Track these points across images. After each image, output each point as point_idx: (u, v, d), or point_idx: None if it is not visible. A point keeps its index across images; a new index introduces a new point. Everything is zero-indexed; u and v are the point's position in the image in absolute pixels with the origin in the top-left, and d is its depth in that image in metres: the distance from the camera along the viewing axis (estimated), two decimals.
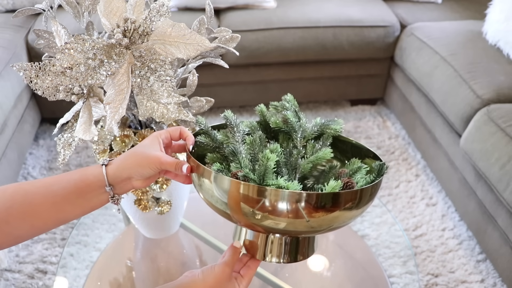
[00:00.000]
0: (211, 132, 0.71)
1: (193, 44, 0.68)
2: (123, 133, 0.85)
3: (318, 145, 0.73)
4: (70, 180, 0.60)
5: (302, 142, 0.73)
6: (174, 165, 0.62)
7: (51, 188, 0.59)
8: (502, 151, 1.26)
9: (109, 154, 0.85)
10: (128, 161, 0.62)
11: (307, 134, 0.73)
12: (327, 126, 0.74)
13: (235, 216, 0.62)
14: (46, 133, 1.96)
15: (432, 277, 1.40)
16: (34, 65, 0.65)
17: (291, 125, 0.72)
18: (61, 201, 0.59)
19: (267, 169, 0.58)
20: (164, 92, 0.69)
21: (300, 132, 0.72)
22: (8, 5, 1.86)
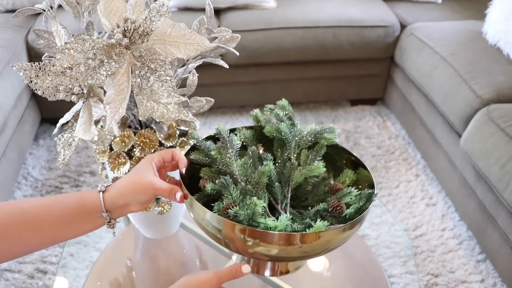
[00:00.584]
0: (205, 147, 0.72)
1: (193, 44, 0.68)
2: (123, 133, 0.85)
3: (311, 155, 0.74)
4: (68, 203, 0.61)
5: (296, 151, 0.73)
6: (168, 191, 0.65)
7: (49, 209, 0.60)
8: (502, 151, 1.26)
9: (109, 154, 0.85)
10: (124, 188, 0.64)
11: (301, 144, 0.74)
12: (321, 135, 0.75)
13: (226, 242, 0.64)
14: (46, 133, 1.96)
15: (432, 277, 1.40)
16: (34, 65, 0.65)
17: (284, 137, 0.73)
18: (58, 222, 0.60)
19: (255, 213, 0.59)
20: (164, 92, 0.69)
21: (294, 142, 0.73)
22: (8, 5, 1.86)
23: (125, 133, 0.85)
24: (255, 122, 0.79)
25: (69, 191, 1.66)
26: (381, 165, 1.83)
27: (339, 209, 0.65)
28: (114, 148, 0.85)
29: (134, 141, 0.85)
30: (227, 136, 0.71)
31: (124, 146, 0.85)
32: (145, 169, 0.66)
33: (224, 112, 2.12)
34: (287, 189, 0.71)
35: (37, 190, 1.67)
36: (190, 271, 1.07)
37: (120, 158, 0.86)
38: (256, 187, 0.66)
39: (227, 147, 0.70)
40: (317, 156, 0.74)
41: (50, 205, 0.61)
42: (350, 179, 0.74)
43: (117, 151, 0.85)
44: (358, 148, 1.92)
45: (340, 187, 0.72)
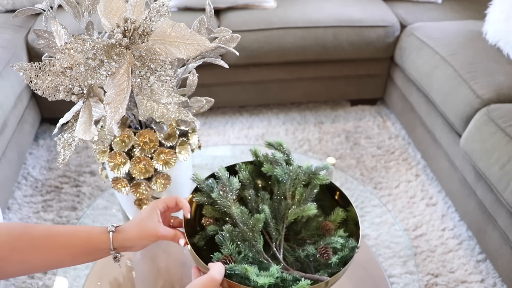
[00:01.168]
0: (207, 188, 0.80)
1: (193, 44, 0.68)
2: (123, 133, 0.85)
3: (305, 194, 0.81)
4: (78, 239, 0.65)
5: (291, 189, 0.80)
6: (171, 237, 0.72)
7: (57, 240, 0.63)
8: (502, 151, 1.26)
9: (109, 154, 0.85)
10: (131, 232, 0.69)
11: (295, 183, 0.81)
12: (314, 175, 0.82)
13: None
14: (46, 133, 1.96)
15: (432, 277, 1.40)
16: (34, 65, 0.65)
17: (280, 178, 0.80)
18: (64, 254, 0.64)
19: (247, 273, 0.67)
20: (164, 92, 0.69)
21: (289, 181, 0.80)
22: (8, 5, 1.86)
23: (125, 133, 0.85)
24: (255, 157, 0.86)
25: (69, 191, 1.66)
26: (381, 165, 1.83)
27: (326, 256, 0.73)
28: (114, 148, 0.85)
29: (134, 141, 0.85)
30: (226, 180, 0.78)
31: (124, 146, 0.85)
32: (149, 216, 0.71)
33: (224, 112, 2.12)
34: (282, 226, 0.79)
35: (37, 190, 1.67)
36: (190, 271, 1.07)
37: (120, 158, 0.86)
38: (252, 231, 0.74)
39: (227, 191, 0.77)
40: (310, 196, 0.81)
41: (59, 235, 0.64)
42: (340, 217, 0.82)
43: (117, 151, 0.85)
44: (358, 148, 1.92)
45: (330, 226, 0.80)
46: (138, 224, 0.70)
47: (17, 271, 0.62)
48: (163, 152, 0.87)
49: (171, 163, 0.87)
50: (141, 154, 0.85)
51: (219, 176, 0.80)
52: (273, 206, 0.80)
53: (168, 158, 0.87)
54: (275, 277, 0.68)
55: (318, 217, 0.83)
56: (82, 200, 1.63)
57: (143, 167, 0.86)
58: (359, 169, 1.80)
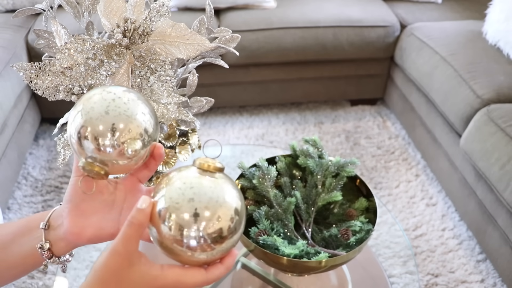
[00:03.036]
0: (250, 175, 0.92)
1: (193, 44, 0.68)
2: None
3: (333, 184, 0.94)
4: (19, 221, 0.52)
5: (322, 179, 0.94)
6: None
7: (4, 226, 0.51)
8: (502, 151, 1.26)
9: None
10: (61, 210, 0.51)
11: (326, 174, 0.94)
12: (342, 168, 0.95)
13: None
14: (46, 133, 1.96)
15: (432, 277, 1.40)
16: (34, 65, 0.65)
17: (312, 169, 0.94)
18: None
19: (277, 243, 0.81)
20: (164, 92, 0.69)
21: (320, 173, 0.94)
22: (8, 5, 1.86)
23: None
24: (292, 151, 1.00)
25: None
26: (381, 165, 1.83)
27: (346, 236, 0.86)
28: None
29: None
30: (265, 169, 0.91)
31: None
32: None
33: (224, 112, 2.12)
34: (312, 209, 0.92)
35: (37, 190, 1.67)
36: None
37: None
38: (285, 211, 0.88)
39: (265, 178, 0.90)
40: (337, 185, 0.94)
41: (1, 225, 0.52)
42: (363, 206, 0.94)
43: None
44: (358, 148, 1.92)
45: (353, 213, 0.93)
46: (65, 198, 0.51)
47: None
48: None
49: (171, 163, 0.87)
50: None
51: (259, 166, 0.92)
52: (305, 193, 0.93)
53: (168, 158, 0.87)
54: (300, 249, 0.81)
55: (344, 205, 0.96)
56: None
57: None
58: (359, 169, 1.80)
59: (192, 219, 0.41)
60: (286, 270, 0.87)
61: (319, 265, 0.80)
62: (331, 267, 0.84)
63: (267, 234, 0.84)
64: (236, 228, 0.43)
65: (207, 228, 0.41)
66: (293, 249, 0.81)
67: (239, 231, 0.44)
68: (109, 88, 0.49)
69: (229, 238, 0.43)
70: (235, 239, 0.44)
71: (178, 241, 0.42)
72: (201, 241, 0.41)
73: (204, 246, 0.42)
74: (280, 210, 0.88)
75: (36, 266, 0.51)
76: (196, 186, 0.42)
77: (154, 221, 0.43)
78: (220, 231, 0.42)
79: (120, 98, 0.47)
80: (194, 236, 0.41)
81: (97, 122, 0.45)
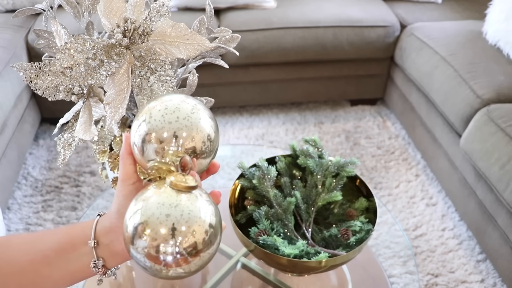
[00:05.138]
0: (250, 175, 0.92)
1: (193, 44, 0.68)
2: (123, 133, 0.85)
3: (333, 184, 0.93)
4: (57, 233, 0.50)
5: (322, 179, 0.93)
6: None
7: (35, 244, 0.49)
8: (502, 151, 1.26)
9: (109, 154, 0.85)
10: (111, 215, 0.50)
11: (326, 174, 0.94)
12: (342, 168, 0.95)
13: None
14: (46, 133, 1.96)
15: (432, 277, 1.40)
16: (34, 65, 0.65)
17: (312, 169, 0.94)
18: (39, 261, 0.48)
19: (277, 243, 0.82)
20: (164, 92, 0.69)
21: (320, 173, 0.93)
22: (8, 5, 1.86)
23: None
24: (292, 151, 1.00)
25: (69, 191, 1.66)
26: (381, 165, 1.83)
27: (346, 236, 0.86)
28: (114, 148, 0.85)
29: None
30: (265, 169, 0.91)
31: None
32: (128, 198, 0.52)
33: (224, 112, 2.12)
34: (312, 209, 0.92)
35: (37, 190, 1.67)
36: None
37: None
38: (285, 211, 0.88)
39: (265, 178, 0.90)
40: (337, 185, 0.94)
41: (37, 240, 0.50)
42: (363, 206, 0.94)
43: (117, 151, 0.85)
44: (358, 148, 1.92)
45: (353, 213, 0.93)
46: (118, 211, 0.50)
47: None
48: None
49: None
50: None
51: (259, 166, 0.92)
52: (305, 193, 0.93)
53: None
54: (300, 249, 0.81)
55: (344, 205, 0.96)
56: (82, 200, 1.63)
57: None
58: (359, 169, 1.80)
59: (167, 234, 0.41)
60: (286, 270, 0.87)
61: (319, 265, 0.81)
62: (331, 267, 0.84)
63: (267, 234, 0.84)
64: (212, 241, 0.43)
65: (182, 243, 0.41)
66: (293, 249, 0.81)
67: (215, 244, 0.44)
68: (170, 96, 0.50)
69: (204, 251, 0.43)
70: (211, 253, 0.44)
71: (154, 258, 0.42)
72: (177, 256, 0.41)
73: (180, 260, 0.42)
74: (280, 210, 0.89)
75: (84, 279, 0.51)
76: (170, 203, 0.42)
77: (128, 239, 0.43)
78: (194, 244, 0.42)
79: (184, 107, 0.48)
80: (170, 251, 0.41)
81: (162, 130, 0.46)
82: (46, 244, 0.49)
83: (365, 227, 0.88)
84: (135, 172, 0.50)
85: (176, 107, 0.47)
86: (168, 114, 0.47)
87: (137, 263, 0.43)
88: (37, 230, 1.51)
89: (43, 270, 0.48)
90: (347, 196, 0.98)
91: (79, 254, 0.48)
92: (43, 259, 0.48)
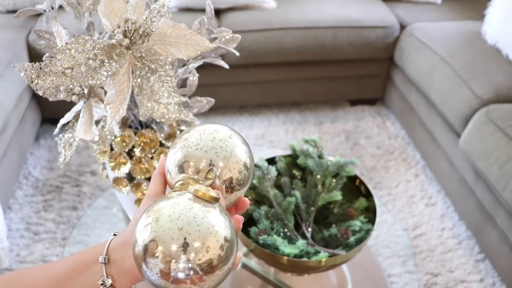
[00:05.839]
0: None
1: (194, 45, 0.68)
2: (123, 133, 0.85)
3: (333, 184, 0.94)
4: (69, 258, 0.48)
5: (322, 179, 0.93)
6: None
7: (48, 271, 0.48)
8: (501, 151, 1.27)
9: (110, 154, 0.86)
10: (127, 232, 0.48)
11: (325, 174, 0.94)
12: (342, 168, 0.95)
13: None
14: (47, 133, 1.96)
15: (432, 276, 1.40)
16: (35, 65, 0.65)
17: (312, 169, 0.94)
18: (51, 286, 0.47)
19: (276, 242, 0.82)
20: (165, 92, 0.70)
21: (320, 173, 0.93)
22: (9, 5, 1.86)
23: (125, 133, 0.85)
24: (292, 151, 1.00)
25: (69, 191, 1.67)
26: (381, 165, 1.83)
27: (346, 236, 0.86)
28: (115, 148, 0.85)
29: (134, 141, 0.85)
30: (265, 169, 0.91)
31: (125, 146, 0.85)
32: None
33: (224, 112, 2.13)
34: (311, 209, 0.92)
35: (38, 190, 1.67)
36: None
37: (120, 158, 0.86)
38: (285, 211, 0.88)
39: (265, 178, 0.90)
40: (337, 185, 0.94)
41: (52, 267, 0.49)
42: (363, 205, 0.95)
43: (118, 151, 0.85)
44: (358, 148, 1.92)
45: (353, 213, 0.93)
46: (135, 224, 0.48)
47: None
48: (164, 152, 0.87)
49: None
50: (141, 154, 0.86)
51: (259, 166, 0.92)
52: (305, 193, 0.94)
53: None
54: (300, 249, 0.82)
55: (343, 205, 0.97)
56: (83, 200, 1.63)
57: (143, 167, 0.86)
58: (358, 169, 1.80)
59: (180, 250, 0.38)
60: (286, 269, 0.88)
61: (319, 264, 0.81)
62: (331, 267, 0.84)
63: (267, 234, 0.84)
64: (228, 257, 0.41)
65: (196, 259, 0.38)
66: (293, 248, 0.82)
67: (230, 260, 0.41)
68: (205, 126, 0.49)
69: (219, 268, 0.40)
70: (226, 270, 0.41)
71: (166, 275, 0.39)
72: (190, 272, 0.39)
73: (194, 278, 0.39)
74: (280, 210, 0.89)
75: None
76: (185, 216, 0.40)
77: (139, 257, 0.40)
78: (209, 261, 0.39)
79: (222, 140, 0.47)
80: (182, 267, 0.38)
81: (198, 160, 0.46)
82: (58, 269, 0.48)
83: (365, 226, 0.89)
84: (162, 192, 0.49)
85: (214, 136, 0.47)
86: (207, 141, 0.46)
87: (148, 280, 0.41)
88: (39, 232, 1.51)
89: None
90: (346, 196, 0.98)
91: (89, 273, 0.47)
92: (55, 285, 0.47)
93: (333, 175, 0.96)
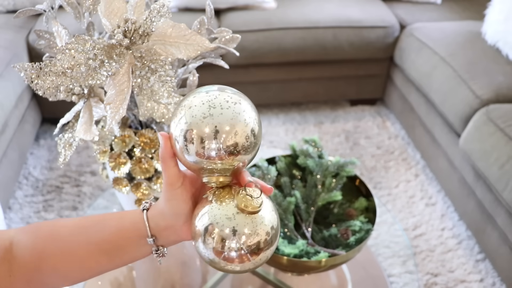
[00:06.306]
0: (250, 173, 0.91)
1: (194, 45, 0.68)
2: (123, 133, 0.85)
3: (333, 184, 0.94)
4: (106, 227, 0.51)
5: (321, 179, 0.93)
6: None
7: (85, 232, 0.51)
8: (501, 151, 1.27)
9: (110, 154, 0.86)
10: (161, 201, 0.51)
11: (325, 174, 0.94)
12: (342, 168, 0.95)
13: None
14: (47, 133, 1.96)
15: (432, 276, 1.40)
16: (35, 65, 0.65)
17: (312, 169, 0.94)
18: (96, 251, 0.50)
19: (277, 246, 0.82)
20: (165, 92, 0.70)
21: (320, 173, 0.94)
22: (9, 5, 1.86)
23: (125, 133, 0.85)
24: (292, 151, 1.00)
25: (70, 191, 1.67)
26: (381, 165, 1.83)
27: (346, 236, 0.87)
28: (115, 148, 0.85)
29: (134, 141, 0.85)
30: (265, 169, 0.91)
31: (125, 146, 0.85)
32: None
33: None
34: (311, 209, 0.92)
35: (38, 190, 1.67)
36: (190, 270, 1.07)
37: (120, 158, 0.86)
38: (285, 211, 0.88)
39: (265, 178, 0.90)
40: (337, 185, 0.94)
41: (87, 227, 0.51)
42: (363, 205, 0.94)
43: (118, 151, 0.85)
44: (358, 148, 1.92)
45: (353, 213, 0.93)
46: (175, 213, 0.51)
47: (55, 282, 0.51)
48: None
49: None
50: (141, 154, 0.86)
51: (259, 166, 0.92)
52: (305, 193, 0.94)
53: None
54: (300, 249, 0.82)
55: (343, 205, 0.97)
56: (83, 200, 1.63)
57: (143, 167, 0.86)
58: (358, 169, 1.80)
59: (231, 234, 0.45)
60: (286, 269, 0.88)
61: (319, 264, 0.81)
62: (331, 267, 0.84)
63: None
64: (272, 241, 0.47)
65: (247, 242, 0.45)
66: (293, 248, 0.82)
67: (274, 245, 0.48)
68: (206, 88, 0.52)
69: (265, 250, 0.46)
70: (269, 253, 0.48)
71: (219, 253, 0.46)
72: (241, 252, 0.45)
73: (243, 257, 0.46)
74: (280, 210, 0.89)
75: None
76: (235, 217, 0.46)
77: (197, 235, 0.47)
78: (258, 243, 0.45)
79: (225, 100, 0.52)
80: (234, 248, 0.45)
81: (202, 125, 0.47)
82: (100, 234, 0.51)
83: (365, 226, 0.89)
84: (179, 174, 0.49)
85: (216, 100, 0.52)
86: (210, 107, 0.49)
87: (200, 254, 0.47)
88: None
89: (101, 259, 0.51)
90: (346, 196, 0.98)
91: (137, 246, 0.51)
92: (100, 251, 0.51)
93: (333, 175, 0.96)
